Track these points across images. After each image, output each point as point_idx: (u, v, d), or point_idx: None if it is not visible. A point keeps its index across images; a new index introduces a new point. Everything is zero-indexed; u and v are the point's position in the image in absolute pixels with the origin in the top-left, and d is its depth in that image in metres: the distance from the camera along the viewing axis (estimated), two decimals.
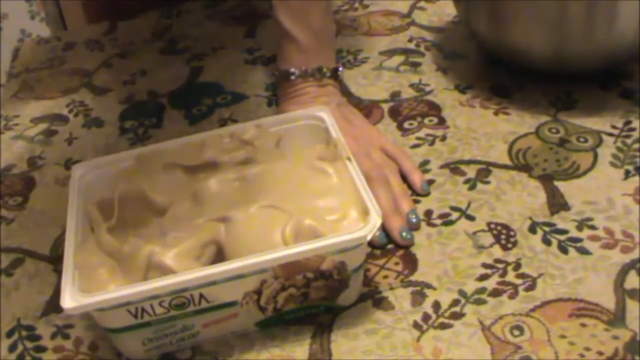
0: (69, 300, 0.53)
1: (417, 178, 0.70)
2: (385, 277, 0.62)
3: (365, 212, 0.57)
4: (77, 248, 0.58)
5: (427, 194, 0.69)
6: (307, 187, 0.61)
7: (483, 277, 0.61)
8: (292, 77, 0.75)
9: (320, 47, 0.76)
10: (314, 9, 0.75)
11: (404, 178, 0.70)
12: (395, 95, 0.83)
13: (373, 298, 0.60)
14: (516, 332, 0.56)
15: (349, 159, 0.61)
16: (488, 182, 0.70)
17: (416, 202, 0.68)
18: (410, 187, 0.70)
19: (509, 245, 0.63)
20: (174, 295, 0.54)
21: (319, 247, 0.54)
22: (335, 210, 0.59)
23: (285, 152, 0.66)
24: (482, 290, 0.60)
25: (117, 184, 0.63)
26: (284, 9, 0.75)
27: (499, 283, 0.60)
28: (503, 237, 0.64)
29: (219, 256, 0.58)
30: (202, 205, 0.61)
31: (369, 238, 0.55)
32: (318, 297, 0.58)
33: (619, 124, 0.74)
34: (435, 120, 0.78)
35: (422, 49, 0.90)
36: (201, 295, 0.55)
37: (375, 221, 0.55)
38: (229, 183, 0.62)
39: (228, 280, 0.54)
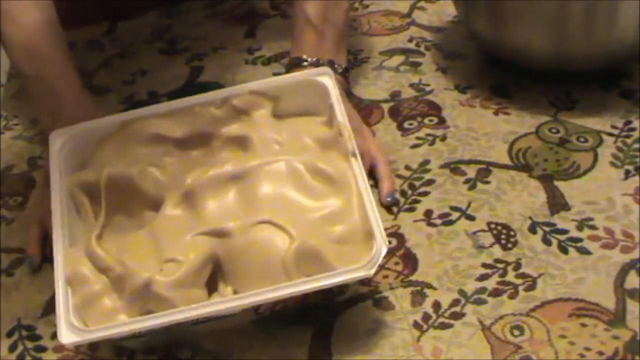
0: (67, 333, 0.52)
1: (386, 186, 0.69)
2: (385, 277, 0.62)
3: (370, 234, 0.54)
4: (66, 257, 0.57)
5: (391, 205, 0.68)
6: (308, 196, 0.58)
7: (483, 277, 0.61)
8: (304, 64, 0.74)
9: (337, 43, 0.76)
10: (339, 5, 0.75)
11: (376, 182, 0.70)
12: (395, 95, 0.83)
13: (373, 298, 0.60)
14: (516, 332, 0.56)
15: (354, 155, 0.59)
16: (488, 182, 0.69)
17: (416, 202, 0.68)
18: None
19: (509, 245, 0.63)
20: None
21: (321, 285, 0.52)
22: (336, 221, 0.56)
23: (283, 135, 0.62)
24: (482, 290, 0.60)
25: (102, 165, 0.59)
26: None
27: (499, 283, 0.60)
28: (503, 237, 0.64)
29: (218, 272, 0.57)
30: (195, 212, 0.58)
31: (373, 274, 0.53)
32: (317, 298, 0.58)
33: (619, 124, 0.74)
34: (435, 120, 0.78)
35: (422, 49, 0.90)
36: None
37: (380, 250, 0.53)
38: (223, 183, 0.59)
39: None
